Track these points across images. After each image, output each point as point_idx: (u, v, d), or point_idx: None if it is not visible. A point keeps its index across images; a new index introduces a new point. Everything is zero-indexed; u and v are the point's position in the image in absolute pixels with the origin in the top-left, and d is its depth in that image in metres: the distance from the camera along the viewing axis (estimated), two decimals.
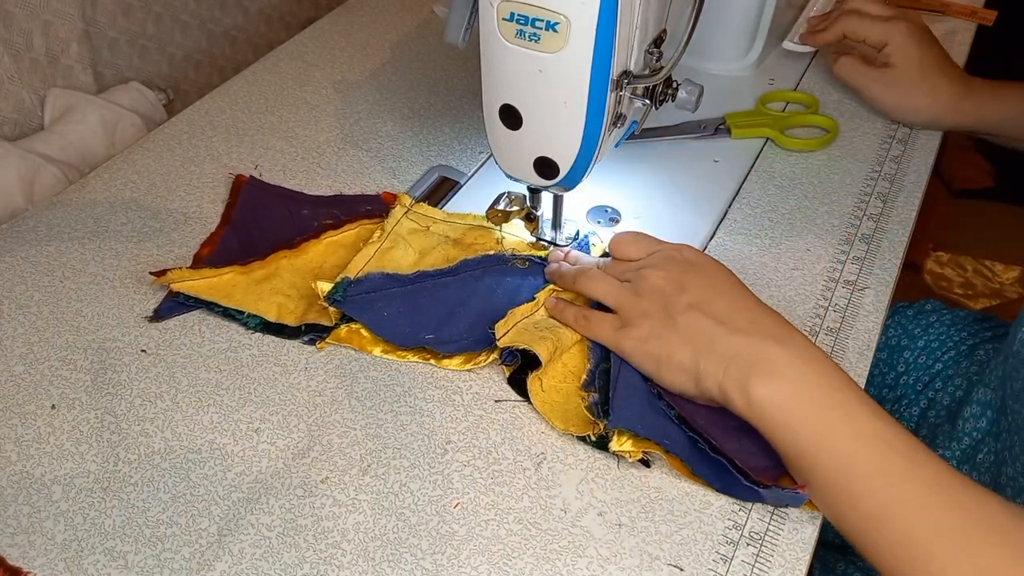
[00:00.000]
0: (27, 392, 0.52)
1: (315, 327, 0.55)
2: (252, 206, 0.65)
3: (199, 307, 0.57)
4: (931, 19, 0.87)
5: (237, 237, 0.62)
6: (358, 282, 0.56)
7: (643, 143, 0.70)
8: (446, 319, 0.55)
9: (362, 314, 0.55)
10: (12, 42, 0.71)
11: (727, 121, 0.71)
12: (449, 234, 0.62)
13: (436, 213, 0.63)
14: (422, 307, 0.56)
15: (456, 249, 0.60)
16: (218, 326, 0.56)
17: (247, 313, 0.56)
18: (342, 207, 0.65)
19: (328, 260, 0.60)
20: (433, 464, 0.48)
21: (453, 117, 0.75)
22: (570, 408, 0.50)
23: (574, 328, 0.53)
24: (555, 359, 0.52)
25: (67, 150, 0.73)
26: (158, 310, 0.57)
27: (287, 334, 0.55)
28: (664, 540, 0.44)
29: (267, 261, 0.59)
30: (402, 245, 0.60)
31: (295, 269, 0.59)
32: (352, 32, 0.87)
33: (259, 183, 0.67)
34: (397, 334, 0.54)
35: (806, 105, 0.74)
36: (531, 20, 0.44)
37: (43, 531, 0.45)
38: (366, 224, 0.63)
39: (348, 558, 0.44)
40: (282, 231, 0.62)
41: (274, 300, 0.56)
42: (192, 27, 0.89)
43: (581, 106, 0.47)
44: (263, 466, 0.48)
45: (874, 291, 0.58)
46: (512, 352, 0.52)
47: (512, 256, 0.59)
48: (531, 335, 0.52)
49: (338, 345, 0.55)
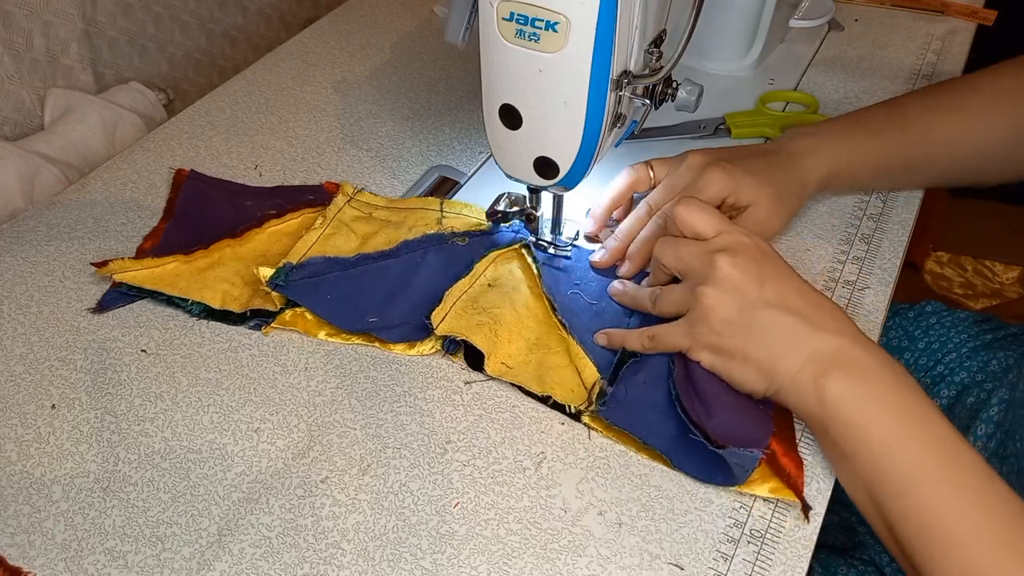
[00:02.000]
0: (27, 392, 0.52)
1: (260, 312, 0.56)
2: (194, 199, 0.65)
3: (143, 297, 0.57)
4: (931, 19, 0.87)
5: (180, 230, 0.62)
6: (300, 267, 0.57)
7: (643, 143, 0.70)
8: (389, 300, 0.56)
9: (305, 298, 0.55)
10: (12, 42, 0.71)
11: (727, 121, 0.71)
12: (391, 219, 0.63)
13: (378, 200, 0.65)
14: (365, 289, 0.57)
15: (397, 232, 0.61)
16: (218, 326, 0.56)
17: (191, 300, 0.56)
18: (285, 197, 0.65)
19: (272, 248, 0.61)
20: (433, 464, 0.48)
21: (453, 117, 0.75)
22: (546, 374, 0.51)
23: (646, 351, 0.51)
24: (513, 337, 0.53)
25: (67, 150, 0.73)
26: (101, 301, 0.57)
27: (232, 320, 0.56)
28: (664, 539, 0.44)
29: (211, 250, 0.59)
30: (345, 231, 0.61)
31: (239, 257, 0.60)
32: (352, 32, 0.87)
33: (200, 176, 0.67)
34: (341, 317, 0.55)
35: (806, 105, 0.74)
36: (531, 20, 0.44)
37: (43, 531, 0.45)
38: (309, 213, 0.63)
39: (348, 558, 0.44)
40: (225, 222, 0.62)
41: (218, 288, 0.57)
42: (192, 27, 0.89)
43: (581, 106, 0.47)
44: (263, 466, 0.48)
45: (874, 291, 0.58)
46: (454, 341, 0.53)
47: (452, 234, 0.60)
48: (468, 321, 0.53)
49: (284, 329, 0.55)
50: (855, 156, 0.58)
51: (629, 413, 0.49)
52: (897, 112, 0.59)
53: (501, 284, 0.57)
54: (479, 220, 0.62)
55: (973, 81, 0.59)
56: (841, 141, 0.58)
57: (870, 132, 0.59)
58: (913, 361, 0.72)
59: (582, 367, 0.51)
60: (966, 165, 0.60)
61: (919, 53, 0.82)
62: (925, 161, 0.60)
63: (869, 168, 0.59)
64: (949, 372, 0.69)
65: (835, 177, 0.58)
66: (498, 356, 0.52)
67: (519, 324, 0.54)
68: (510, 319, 0.54)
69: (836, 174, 0.58)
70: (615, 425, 0.48)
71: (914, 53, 0.82)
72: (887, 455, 0.41)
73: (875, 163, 0.59)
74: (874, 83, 0.78)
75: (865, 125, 0.59)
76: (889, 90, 0.77)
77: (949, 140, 0.58)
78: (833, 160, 0.58)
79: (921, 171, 0.61)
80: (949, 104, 0.58)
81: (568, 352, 0.52)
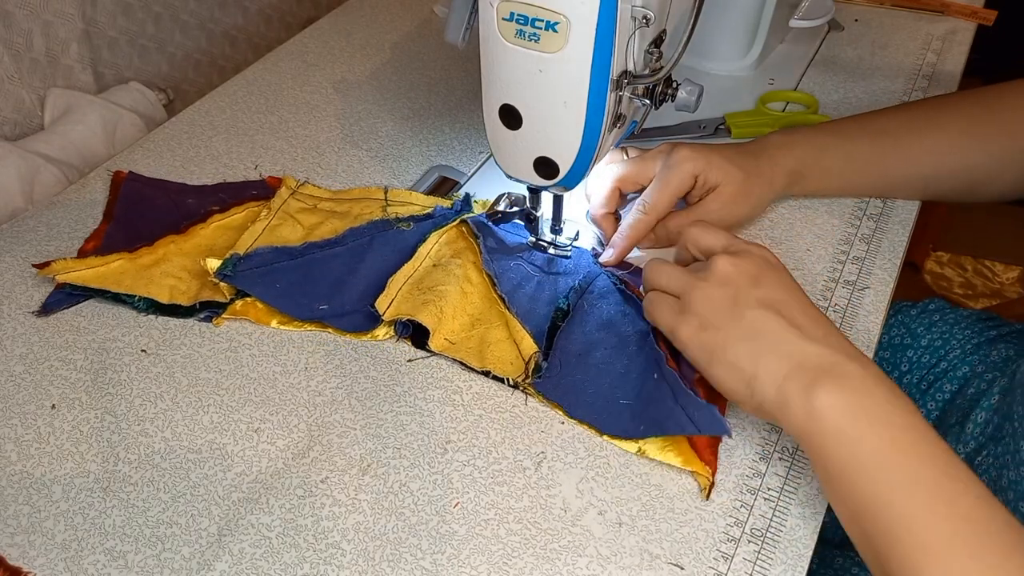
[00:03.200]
0: (27, 392, 0.52)
1: (210, 304, 0.56)
2: (134, 200, 0.65)
3: (90, 297, 0.57)
4: (931, 19, 0.87)
5: (122, 231, 0.62)
6: (247, 257, 0.57)
7: (643, 143, 0.70)
8: (338, 288, 0.57)
9: (254, 287, 0.56)
10: (12, 42, 0.71)
11: (727, 121, 0.71)
12: (336, 209, 0.64)
13: (323, 192, 0.65)
14: (313, 278, 0.57)
15: (343, 222, 0.62)
16: (218, 326, 0.56)
17: (137, 297, 0.56)
18: (228, 192, 0.65)
19: (217, 242, 0.61)
20: (433, 464, 0.48)
21: (453, 117, 0.75)
22: (486, 349, 0.53)
23: (646, 314, 0.52)
24: (457, 313, 0.54)
25: (67, 150, 0.73)
26: (45, 304, 0.57)
27: (181, 314, 0.56)
28: (664, 538, 0.44)
29: (155, 247, 0.60)
30: (290, 223, 0.62)
31: (184, 253, 0.60)
32: (352, 32, 0.87)
33: (139, 177, 0.67)
34: (291, 305, 0.55)
35: (806, 105, 0.74)
36: (531, 20, 0.44)
37: (43, 531, 0.45)
38: (252, 207, 0.64)
39: (348, 558, 0.44)
40: (168, 220, 0.62)
41: (164, 283, 0.57)
42: (192, 27, 0.89)
43: (581, 106, 0.47)
44: (263, 466, 0.48)
45: (874, 291, 0.58)
46: (405, 324, 0.54)
47: (396, 220, 0.62)
48: (414, 302, 0.54)
49: (235, 319, 0.56)
50: (824, 154, 0.60)
51: (559, 386, 0.51)
52: (874, 121, 0.61)
53: (446, 262, 0.58)
54: (423, 206, 0.63)
55: (955, 100, 0.60)
56: (811, 139, 0.60)
57: (841, 135, 0.61)
58: (916, 358, 0.72)
59: (520, 339, 0.53)
60: (953, 181, 0.60)
61: (919, 53, 0.82)
62: (903, 171, 0.61)
63: (839, 169, 0.61)
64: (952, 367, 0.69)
65: (804, 172, 0.60)
66: (442, 332, 0.53)
67: (464, 300, 0.55)
68: (455, 295, 0.55)
69: (804, 169, 0.60)
70: (547, 398, 0.50)
71: (914, 53, 0.82)
72: (877, 469, 0.40)
73: (844, 165, 0.61)
74: (874, 83, 0.78)
75: (838, 129, 0.61)
76: (889, 90, 0.77)
77: (928, 153, 0.59)
78: (802, 155, 0.60)
79: (902, 182, 0.62)
80: (928, 119, 0.60)
81: (507, 326, 0.54)
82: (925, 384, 0.70)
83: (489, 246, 0.59)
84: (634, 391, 0.50)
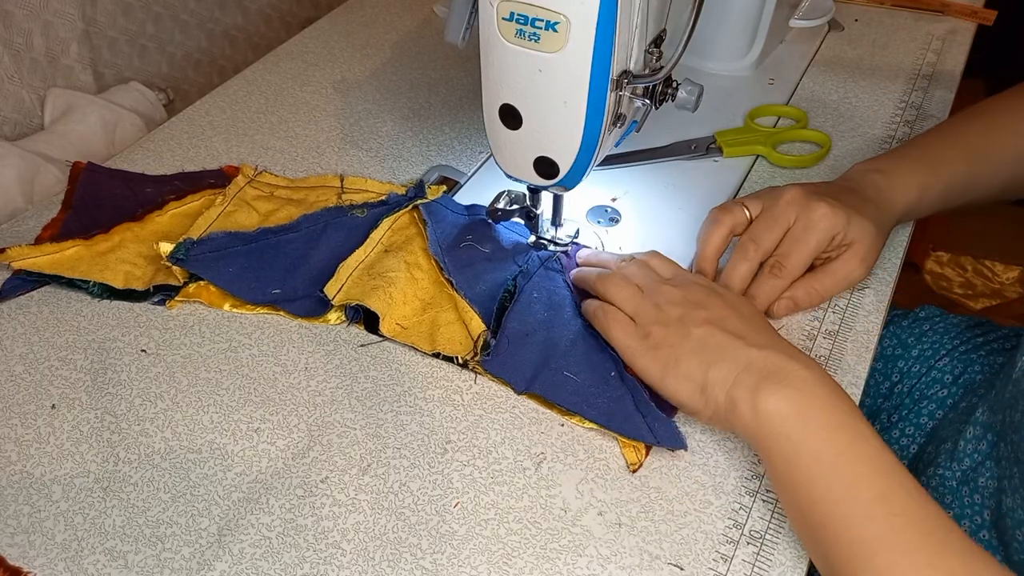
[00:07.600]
0: (27, 392, 0.52)
1: (164, 287, 0.57)
2: (92, 190, 0.65)
3: (45, 283, 0.58)
4: (931, 19, 0.87)
5: (79, 220, 0.63)
6: (201, 242, 0.58)
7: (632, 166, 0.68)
8: (291, 273, 0.57)
9: (207, 271, 0.56)
10: (12, 42, 0.71)
11: (717, 140, 0.70)
12: (292, 196, 0.64)
13: (279, 180, 0.66)
14: (267, 262, 0.58)
15: (299, 209, 0.63)
16: (218, 326, 0.56)
17: (92, 282, 0.57)
18: (185, 181, 0.66)
19: (173, 229, 0.61)
20: (433, 464, 0.48)
21: (453, 117, 0.75)
22: (437, 332, 0.54)
23: (592, 320, 0.53)
24: (408, 298, 0.55)
25: (67, 150, 0.73)
26: (1, 291, 0.57)
27: (136, 298, 0.57)
28: (664, 539, 0.44)
29: (111, 234, 0.60)
30: (246, 209, 0.62)
31: (140, 239, 0.61)
32: (352, 32, 0.87)
33: (97, 168, 0.67)
34: (244, 289, 0.56)
35: (796, 119, 0.73)
36: (531, 20, 0.44)
37: (43, 531, 0.45)
38: (209, 194, 0.64)
39: (348, 558, 0.44)
40: (125, 208, 0.63)
41: (120, 269, 0.58)
42: (192, 27, 0.89)
43: (581, 106, 0.47)
44: (263, 466, 0.48)
45: (874, 291, 0.58)
46: (355, 308, 0.55)
47: (351, 207, 0.62)
48: (363, 287, 0.55)
49: (188, 302, 0.56)
50: (924, 191, 0.58)
51: (507, 363, 0.52)
52: (959, 140, 0.59)
53: (396, 248, 0.59)
54: (378, 193, 0.64)
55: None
56: (910, 178, 0.58)
57: (933, 166, 0.58)
58: (907, 369, 0.72)
59: (468, 319, 0.54)
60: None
61: (919, 53, 0.82)
62: (988, 181, 0.60)
63: (936, 199, 0.59)
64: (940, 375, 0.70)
65: (907, 214, 0.59)
66: (393, 317, 0.54)
67: (414, 285, 0.56)
68: (404, 281, 0.55)
69: (908, 212, 0.58)
70: (495, 375, 0.52)
71: (914, 53, 0.82)
72: (820, 470, 0.41)
73: (941, 194, 0.59)
74: (874, 83, 0.78)
75: (928, 159, 0.59)
76: (889, 90, 0.77)
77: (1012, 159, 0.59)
78: (905, 198, 0.57)
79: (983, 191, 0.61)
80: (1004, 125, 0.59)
81: (457, 308, 0.55)
82: (917, 393, 0.70)
83: (437, 229, 0.59)
84: (577, 366, 0.51)
